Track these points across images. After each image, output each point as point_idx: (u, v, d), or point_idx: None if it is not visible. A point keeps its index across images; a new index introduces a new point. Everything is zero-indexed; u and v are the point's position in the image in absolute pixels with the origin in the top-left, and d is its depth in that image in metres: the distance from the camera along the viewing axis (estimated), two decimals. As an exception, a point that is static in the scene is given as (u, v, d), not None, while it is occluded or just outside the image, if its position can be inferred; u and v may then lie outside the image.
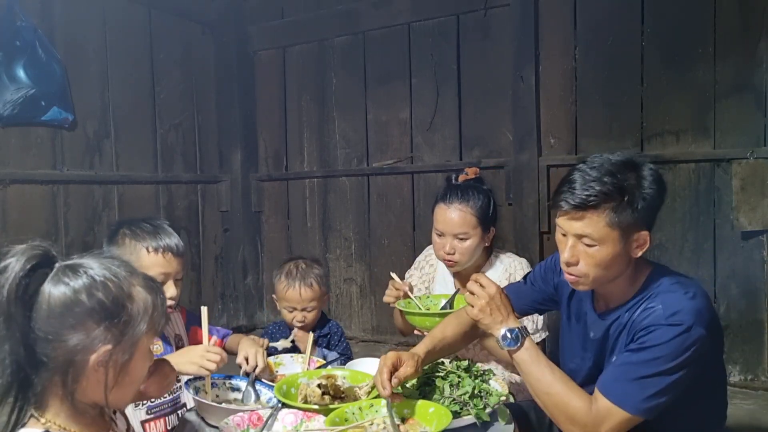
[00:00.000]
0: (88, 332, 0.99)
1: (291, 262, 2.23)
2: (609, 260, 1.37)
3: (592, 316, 1.54)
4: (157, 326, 1.08)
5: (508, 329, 1.47)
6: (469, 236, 2.04)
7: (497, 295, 1.51)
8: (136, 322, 1.03)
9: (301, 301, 2.14)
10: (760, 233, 2.81)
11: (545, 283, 1.70)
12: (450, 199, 2.06)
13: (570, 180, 1.39)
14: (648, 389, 1.30)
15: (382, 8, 3.69)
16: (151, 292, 1.07)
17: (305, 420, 1.45)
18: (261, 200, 4.24)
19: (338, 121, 3.94)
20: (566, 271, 1.45)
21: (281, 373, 1.89)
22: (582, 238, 1.38)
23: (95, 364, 1.00)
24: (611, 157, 1.40)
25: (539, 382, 1.43)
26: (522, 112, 3.27)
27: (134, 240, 1.72)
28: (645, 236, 1.38)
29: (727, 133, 2.88)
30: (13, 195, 2.93)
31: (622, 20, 3.07)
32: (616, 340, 1.45)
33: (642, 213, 1.35)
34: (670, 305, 1.34)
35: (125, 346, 1.02)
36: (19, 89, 2.87)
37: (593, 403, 1.35)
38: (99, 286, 1.00)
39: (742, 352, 2.90)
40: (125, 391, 1.08)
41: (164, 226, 1.78)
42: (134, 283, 1.06)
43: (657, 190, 1.37)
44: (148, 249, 1.71)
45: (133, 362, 1.05)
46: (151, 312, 1.05)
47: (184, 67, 3.91)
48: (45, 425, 1.01)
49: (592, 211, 1.34)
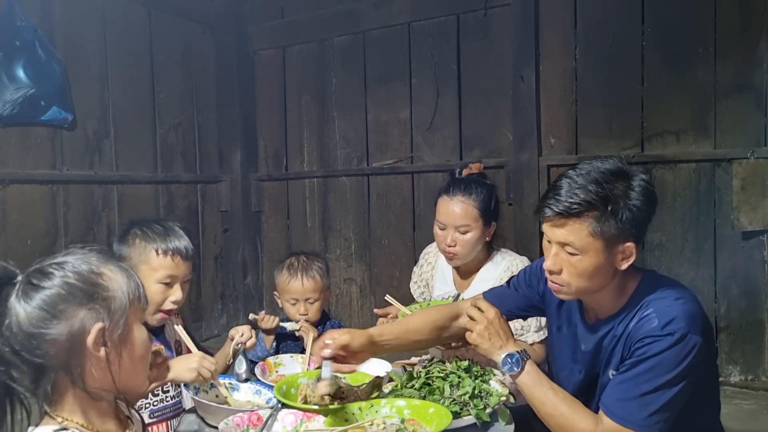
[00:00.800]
0: (72, 318, 0.99)
1: (292, 257, 2.23)
2: (592, 270, 1.35)
3: (582, 327, 1.52)
4: (141, 301, 1.09)
5: (508, 354, 1.46)
6: (470, 229, 2.06)
7: (496, 320, 1.50)
8: (117, 295, 1.04)
9: (303, 291, 2.14)
10: (761, 233, 2.81)
11: (530, 289, 1.68)
12: (453, 192, 2.09)
13: (556, 186, 1.37)
14: (651, 405, 1.28)
15: (382, 8, 3.69)
16: (122, 270, 1.08)
17: (305, 420, 1.45)
18: (261, 200, 4.24)
19: (338, 121, 3.94)
20: (549, 278, 1.44)
21: (281, 373, 1.89)
22: (565, 247, 1.36)
23: (94, 346, 1.00)
24: (601, 165, 1.37)
25: (543, 404, 1.42)
26: (522, 112, 3.27)
27: (144, 241, 1.73)
28: (631, 248, 1.35)
29: (728, 133, 2.88)
30: (12, 195, 2.92)
31: (622, 20, 3.07)
32: (611, 353, 1.42)
33: (627, 224, 1.31)
34: (664, 314, 1.32)
35: (117, 321, 1.03)
36: (18, 89, 2.86)
37: (599, 423, 1.34)
38: (68, 274, 1.01)
39: (742, 352, 2.90)
40: (135, 372, 1.08)
41: (175, 228, 1.78)
42: (102, 264, 1.06)
43: (645, 202, 1.33)
44: (157, 251, 1.71)
45: (132, 336, 1.06)
46: (127, 286, 1.06)
47: (184, 67, 3.91)
48: (61, 423, 1.01)
49: (574, 219, 1.32)
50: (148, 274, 1.69)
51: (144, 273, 1.68)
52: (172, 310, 1.74)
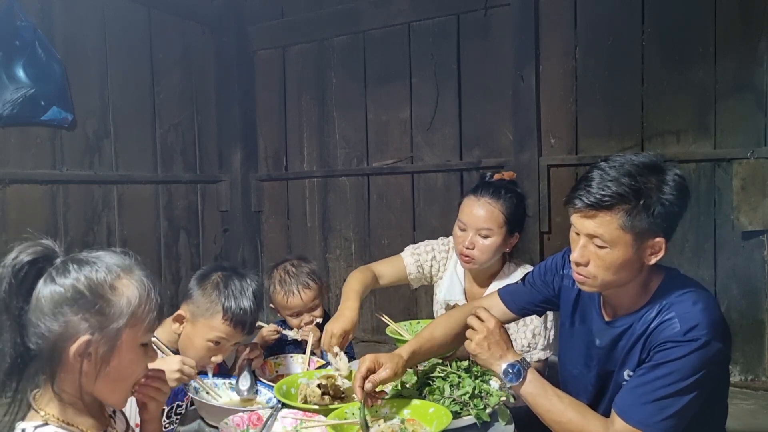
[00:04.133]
0: (67, 322, 1.00)
1: (279, 269, 2.15)
2: (619, 264, 1.33)
3: (599, 322, 1.50)
4: (145, 323, 1.06)
5: (508, 365, 1.43)
6: (492, 234, 1.95)
7: (496, 330, 1.48)
8: (116, 314, 1.02)
9: (304, 303, 2.09)
10: (761, 233, 2.81)
11: (545, 285, 1.66)
12: (481, 193, 1.98)
13: (588, 178, 1.34)
14: (667, 409, 1.27)
15: (382, 8, 3.69)
16: (141, 287, 1.06)
17: (305, 420, 1.45)
18: (261, 200, 4.24)
19: (338, 121, 3.94)
20: (575, 270, 1.41)
21: (281, 373, 1.89)
22: (593, 239, 1.33)
23: (75, 354, 1.00)
24: (634, 158, 1.34)
25: (550, 412, 1.39)
26: (522, 112, 3.27)
27: (219, 297, 1.67)
28: (660, 243, 1.33)
29: (728, 132, 2.88)
30: (12, 195, 2.93)
31: (622, 20, 3.07)
32: (629, 352, 1.40)
33: (658, 219, 1.29)
34: (686, 320, 1.30)
35: (107, 338, 1.02)
36: (18, 89, 2.86)
37: (610, 425, 1.32)
38: (81, 278, 1.01)
39: (742, 352, 2.90)
40: (114, 387, 1.07)
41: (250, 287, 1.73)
42: (124, 275, 1.05)
43: (678, 197, 1.30)
44: (223, 317, 1.65)
45: (117, 356, 1.04)
46: (135, 306, 1.04)
47: (184, 67, 3.91)
48: (44, 417, 1.02)
49: (605, 212, 1.30)
50: (205, 331, 1.65)
51: (201, 326, 1.65)
52: (205, 366, 1.68)
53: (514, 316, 1.71)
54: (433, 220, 3.62)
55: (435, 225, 3.57)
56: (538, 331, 1.95)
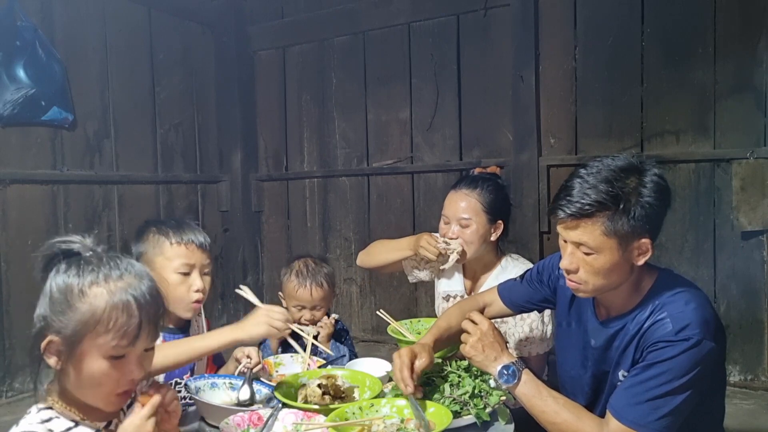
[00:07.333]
0: (44, 316, 1.04)
1: (300, 261, 2.20)
2: (608, 268, 1.35)
3: (593, 323, 1.51)
4: (111, 334, 1.01)
5: (503, 366, 1.45)
6: (471, 222, 2.03)
7: (489, 332, 1.50)
8: (74, 319, 1.01)
9: (311, 300, 2.12)
10: (760, 233, 2.81)
11: (541, 284, 1.68)
12: (459, 186, 2.11)
13: (568, 187, 1.36)
14: (661, 409, 1.28)
15: (382, 8, 3.69)
16: (118, 298, 1.02)
17: (305, 420, 1.45)
18: (261, 200, 4.24)
19: (338, 121, 3.94)
20: (567, 277, 1.43)
21: (281, 373, 1.89)
22: (580, 246, 1.35)
23: (45, 351, 1.03)
24: (612, 162, 1.35)
25: (544, 413, 1.40)
26: (522, 112, 3.28)
27: (158, 234, 1.73)
28: (646, 244, 1.34)
29: (727, 133, 2.88)
30: (13, 195, 2.93)
31: (622, 20, 3.07)
32: (623, 352, 1.42)
33: (640, 221, 1.31)
34: (678, 319, 1.31)
35: (67, 341, 1.02)
36: (19, 89, 2.86)
37: (605, 426, 1.33)
38: (58, 281, 1.04)
39: (742, 352, 2.90)
40: (92, 392, 1.05)
41: (190, 223, 1.80)
42: (105, 283, 1.03)
43: (657, 198, 1.33)
44: (171, 242, 1.71)
45: (84, 362, 1.02)
46: (99, 315, 1.01)
47: (184, 67, 3.91)
48: (48, 403, 1.06)
49: (586, 220, 1.32)
50: (165, 265, 1.69)
51: (160, 265, 1.68)
52: (200, 300, 1.72)
53: (512, 312, 1.75)
54: (433, 220, 3.58)
55: (435, 225, 3.52)
56: (535, 326, 1.98)
